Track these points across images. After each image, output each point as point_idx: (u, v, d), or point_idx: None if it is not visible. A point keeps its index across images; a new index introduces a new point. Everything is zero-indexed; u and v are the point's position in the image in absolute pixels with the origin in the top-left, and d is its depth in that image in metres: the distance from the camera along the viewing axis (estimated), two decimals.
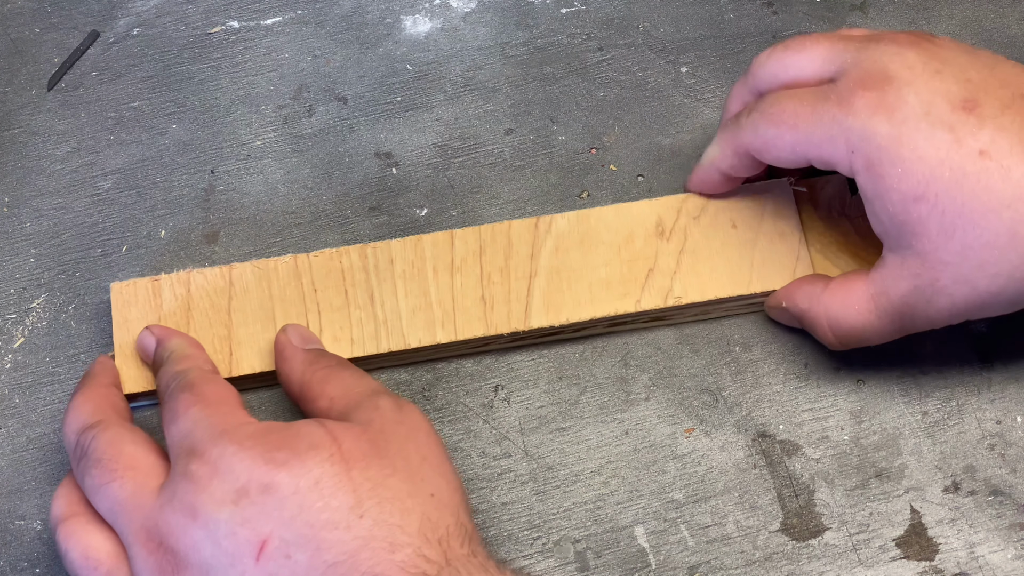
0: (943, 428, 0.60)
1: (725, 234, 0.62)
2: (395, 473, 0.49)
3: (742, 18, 0.72)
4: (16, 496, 0.59)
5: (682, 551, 0.58)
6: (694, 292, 0.61)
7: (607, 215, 0.62)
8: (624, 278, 0.61)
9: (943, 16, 0.72)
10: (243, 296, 0.60)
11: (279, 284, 0.60)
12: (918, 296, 0.54)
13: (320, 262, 0.61)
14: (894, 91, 0.52)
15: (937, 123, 0.51)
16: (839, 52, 0.55)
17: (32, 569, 0.58)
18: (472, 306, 0.60)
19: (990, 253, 0.51)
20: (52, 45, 0.72)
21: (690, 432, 0.61)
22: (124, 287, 0.60)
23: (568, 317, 0.60)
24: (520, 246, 0.61)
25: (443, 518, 0.49)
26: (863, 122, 0.52)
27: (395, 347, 0.60)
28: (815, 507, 0.59)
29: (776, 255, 0.61)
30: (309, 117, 0.70)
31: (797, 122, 0.55)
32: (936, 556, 0.57)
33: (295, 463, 0.48)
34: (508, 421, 0.61)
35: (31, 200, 0.67)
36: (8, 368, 0.62)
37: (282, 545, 0.47)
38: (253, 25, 0.73)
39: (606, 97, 0.70)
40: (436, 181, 0.67)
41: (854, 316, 0.57)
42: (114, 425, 0.53)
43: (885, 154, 0.52)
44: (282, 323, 0.60)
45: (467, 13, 0.73)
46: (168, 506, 0.48)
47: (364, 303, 0.60)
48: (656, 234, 0.62)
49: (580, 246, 0.61)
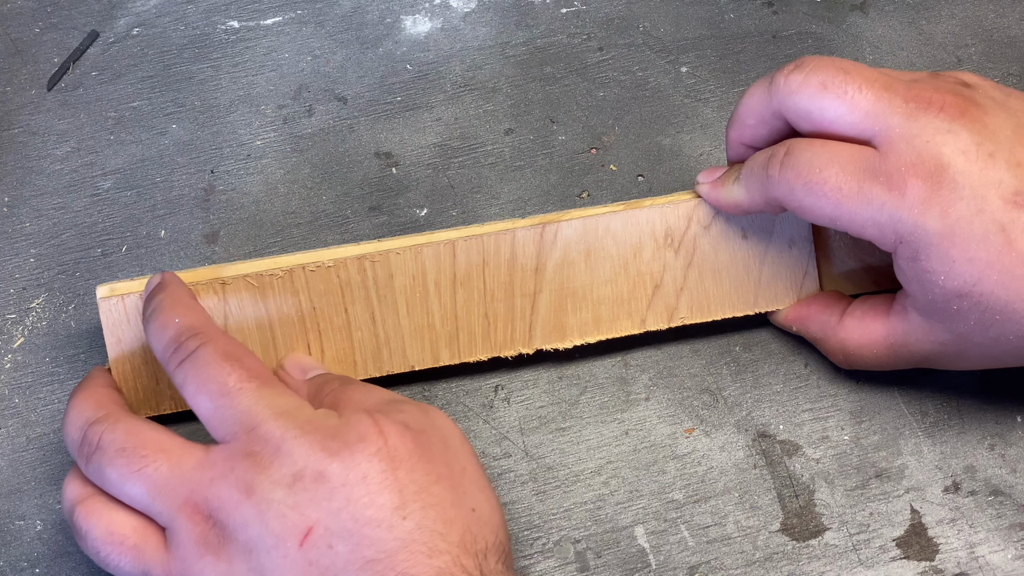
0: (943, 428, 0.60)
1: (735, 246, 0.60)
2: (439, 480, 0.49)
3: (742, 18, 0.72)
4: (16, 496, 0.59)
5: (682, 551, 0.58)
6: (699, 312, 0.61)
7: (614, 224, 0.59)
8: (630, 295, 0.60)
9: (943, 16, 0.72)
10: (239, 314, 0.58)
11: (276, 301, 0.58)
12: (939, 357, 0.55)
13: (317, 276, 0.58)
14: (948, 184, 0.50)
15: (990, 223, 0.50)
16: (884, 110, 0.52)
17: (32, 569, 0.58)
18: (476, 323, 0.59)
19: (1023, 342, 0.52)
20: (52, 45, 0.72)
21: (690, 432, 0.61)
22: (113, 305, 0.57)
23: (572, 340, 0.60)
24: (524, 259, 0.59)
25: (484, 534, 0.49)
26: (915, 217, 0.51)
27: (397, 369, 0.59)
28: (815, 507, 0.59)
29: (784, 270, 0.61)
30: (309, 117, 0.69)
31: (840, 199, 0.52)
32: (936, 556, 0.57)
33: (345, 454, 0.48)
34: (508, 421, 0.61)
35: (31, 200, 0.67)
36: (8, 368, 0.62)
37: (326, 534, 0.47)
38: (253, 25, 0.73)
39: (606, 97, 0.70)
40: (436, 181, 0.67)
41: (869, 354, 0.57)
42: (124, 416, 0.52)
43: (935, 251, 0.51)
44: (282, 346, 0.58)
45: (467, 13, 0.73)
46: (223, 480, 0.48)
47: (365, 322, 0.59)
48: (665, 245, 0.60)
49: (586, 260, 0.60)
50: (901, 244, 0.52)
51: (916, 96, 0.52)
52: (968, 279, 0.51)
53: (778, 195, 0.54)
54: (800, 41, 0.72)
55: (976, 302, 0.51)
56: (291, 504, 0.47)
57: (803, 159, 0.53)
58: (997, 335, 0.52)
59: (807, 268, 0.61)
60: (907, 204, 0.51)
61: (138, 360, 0.58)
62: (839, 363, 0.60)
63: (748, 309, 0.61)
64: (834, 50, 0.71)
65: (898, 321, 0.56)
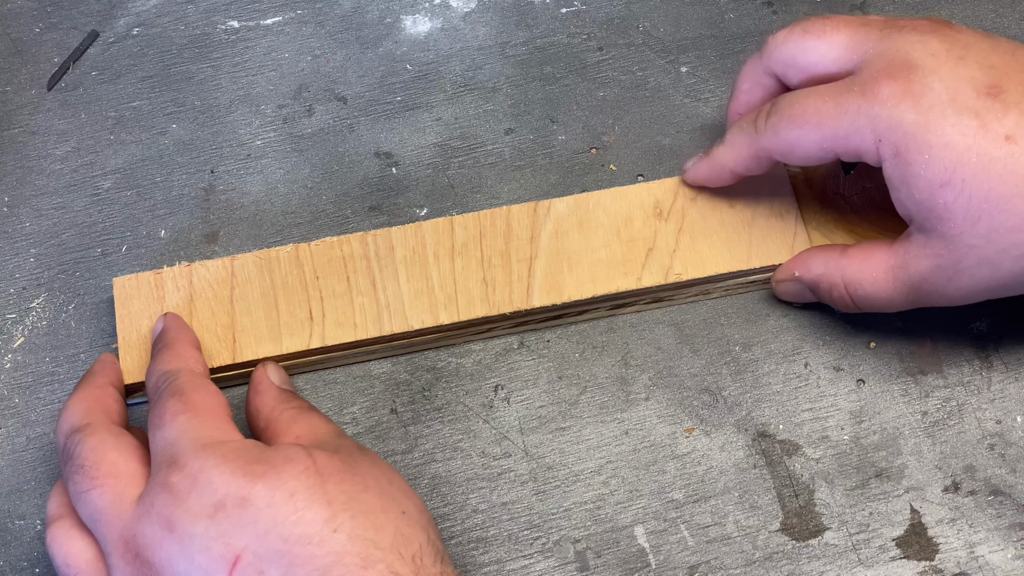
0: (943, 428, 0.60)
1: (722, 213, 0.62)
2: (368, 489, 0.49)
3: (742, 18, 0.72)
4: (16, 496, 0.59)
5: (682, 551, 0.58)
6: (694, 269, 0.61)
7: (605, 199, 0.63)
8: (624, 258, 0.61)
9: (943, 16, 0.72)
10: (245, 285, 0.61)
11: (281, 273, 0.61)
12: (939, 275, 0.54)
13: (321, 250, 0.61)
14: (919, 79, 0.52)
15: (963, 109, 0.51)
16: (860, 40, 0.55)
17: (32, 569, 0.58)
18: (474, 288, 0.61)
19: (1016, 237, 0.51)
20: (52, 45, 0.72)
21: (690, 432, 0.61)
22: (127, 281, 0.61)
23: (570, 295, 0.60)
24: (520, 230, 0.62)
25: (415, 534, 0.49)
26: (889, 110, 0.52)
27: (398, 329, 0.60)
28: (815, 507, 0.59)
29: (774, 232, 0.62)
30: (309, 117, 0.70)
31: (821, 119, 0.54)
32: (936, 556, 0.57)
33: (271, 475, 0.48)
34: (508, 421, 0.61)
35: (31, 200, 0.67)
36: (8, 368, 0.62)
37: (255, 560, 0.46)
38: (253, 25, 0.73)
39: (606, 97, 0.70)
40: (436, 181, 0.67)
41: (871, 283, 0.57)
42: (100, 429, 0.52)
43: (912, 141, 0.52)
44: (284, 311, 0.60)
45: (467, 13, 0.73)
46: (146, 517, 0.48)
47: (366, 288, 0.61)
48: (654, 215, 0.62)
49: (579, 228, 0.62)
50: (881, 143, 0.53)
51: (890, 24, 0.55)
52: (948, 163, 0.51)
53: (766, 143, 0.57)
54: None
55: (959, 191, 0.51)
56: (215, 535, 0.47)
57: (786, 102, 0.56)
58: (987, 230, 0.52)
59: (795, 230, 0.62)
60: (881, 100, 0.52)
61: (143, 329, 0.60)
62: (843, 304, 0.59)
63: (743, 265, 0.61)
64: None
65: (898, 244, 0.56)
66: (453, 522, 0.59)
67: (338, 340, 0.60)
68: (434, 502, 0.59)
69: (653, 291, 0.61)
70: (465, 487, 0.59)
